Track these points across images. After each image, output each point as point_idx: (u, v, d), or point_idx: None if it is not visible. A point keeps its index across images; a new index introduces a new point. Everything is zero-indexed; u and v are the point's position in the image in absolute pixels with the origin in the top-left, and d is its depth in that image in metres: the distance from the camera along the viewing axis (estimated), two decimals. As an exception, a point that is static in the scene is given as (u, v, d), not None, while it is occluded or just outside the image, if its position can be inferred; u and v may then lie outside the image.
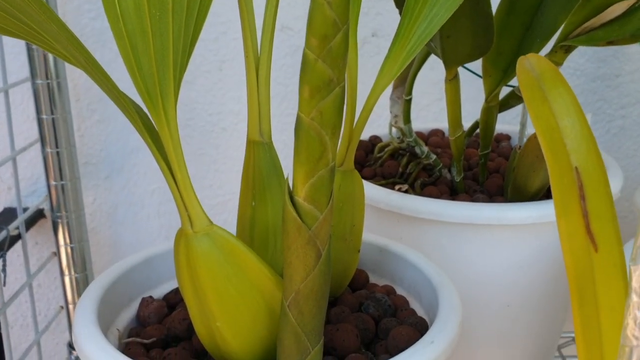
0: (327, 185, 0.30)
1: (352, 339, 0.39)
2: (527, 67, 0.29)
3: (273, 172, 0.39)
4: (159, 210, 0.81)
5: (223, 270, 0.33)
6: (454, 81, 0.51)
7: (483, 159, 0.59)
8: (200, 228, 0.33)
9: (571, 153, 0.27)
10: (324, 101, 0.28)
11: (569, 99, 0.28)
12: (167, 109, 0.30)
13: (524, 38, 0.51)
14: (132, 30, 0.28)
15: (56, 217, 0.70)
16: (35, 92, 0.66)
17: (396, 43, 0.37)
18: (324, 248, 0.31)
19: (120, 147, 0.79)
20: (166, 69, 0.29)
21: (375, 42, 0.78)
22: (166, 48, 0.29)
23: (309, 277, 0.31)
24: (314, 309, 0.32)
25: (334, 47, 0.26)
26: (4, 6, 0.30)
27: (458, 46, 0.47)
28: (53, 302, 0.84)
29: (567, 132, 0.27)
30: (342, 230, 0.42)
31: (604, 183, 0.27)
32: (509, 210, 0.52)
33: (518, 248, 0.53)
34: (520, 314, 0.55)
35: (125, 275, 0.45)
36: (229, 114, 0.79)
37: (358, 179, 0.41)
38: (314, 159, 0.29)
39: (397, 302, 0.45)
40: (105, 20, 0.74)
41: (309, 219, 0.30)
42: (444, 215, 0.52)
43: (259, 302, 0.34)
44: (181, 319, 0.42)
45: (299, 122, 0.29)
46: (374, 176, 0.61)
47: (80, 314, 0.40)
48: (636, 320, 0.24)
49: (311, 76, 0.27)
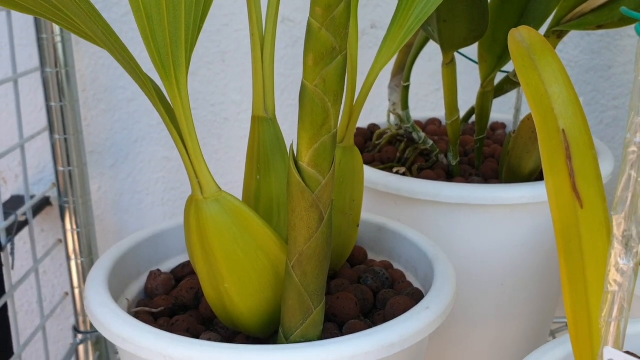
0: (330, 151, 0.32)
1: (352, 306, 0.41)
2: (518, 39, 0.30)
3: (277, 146, 0.41)
4: (162, 198, 0.83)
5: (231, 233, 0.35)
6: (450, 65, 0.53)
7: (479, 143, 0.61)
8: (209, 194, 0.35)
9: (559, 117, 0.29)
10: (327, 68, 0.29)
11: (557, 67, 0.29)
12: (179, 78, 0.32)
13: (518, 24, 0.53)
14: (148, 3, 0.30)
15: (63, 202, 0.72)
16: (45, 80, 0.68)
17: (394, 23, 0.39)
18: (326, 211, 0.33)
19: (125, 137, 0.80)
20: (178, 41, 0.31)
21: (374, 33, 0.80)
22: (179, 21, 0.31)
23: (312, 239, 0.33)
24: (317, 269, 0.34)
25: (337, 15, 0.28)
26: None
27: (454, 30, 0.49)
28: (58, 289, 0.85)
29: (555, 97, 0.29)
30: (342, 205, 0.43)
31: (589, 145, 0.29)
32: (503, 190, 0.53)
33: (512, 227, 0.55)
34: (514, 292, 0.57)
35: (134, 249, 0.47)
36: (231, 105, 0.81)
37: (358, 155, 0.43)
38: (317, 125, 0.31)
39: (395, 275, 0.47)
40: (110, 12, 0.76)
41: (312, 183, 0.32)
42: (441, 196, 0.54)
43: (265, 264, 0.36)
44: (189, 287, 0.43)
45: (303, 89, 0.30)
46: (373, 161, 0.63)
47: (92, 282, 0.42)
48: (617, 267, 0.26)
49: (315, 44, 0.29)
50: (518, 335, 0.60)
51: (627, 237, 0.25)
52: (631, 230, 0.25)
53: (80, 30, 0.33)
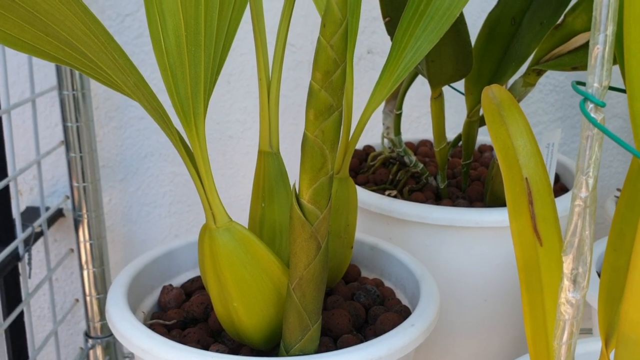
0: (327, 189, 0.37)
1: (345, 322, 0.46)
2: (490, 96, 0.35)
3: (280, 178, 0.45)
4: (169, 210, 0.88)
5: (240, 258, 0.39)
6: (438, 99, 0.58)
7: (465, 168, 0.65)
8: (221, 224, 0.40)
9: (523, 167, 0.33)
10: (326, 122, 0.34)
11: (522, 123, 0.34)
12: (198, 125, 0.37)
13: (502, 61, 0.58)
14: (173, 63, 0.35)
15: (77, 215, 0.76)
16: (62, 102, 0.73)
17: (386, 70, 0.44)
18: (323, 241, 0.38)
19: (135, 152, 0.85)
20: (198, 93, 0.36)
21: (370, 58, 0.85)
22: (199, 76, 0.36)
23: (311, 265, 0.38)
24: (314, 291, 0.39)
25: (334, 80, 0.33)
26: (65, 37, 0.37)
27: (441, 69, 0.54)
28: (69, 295, 0.90)
29: (520, 150, 0.34)
30: (337, 229, 0.48)
31: (549, 192, 0.33)
32: (486, 214, 0.58)
33: (495, 248, 0.60)
34: (495, 308, 0.62)
35: (149, 266, 0.52)
36: (236, 123, 0.86)
37: (352, 185, 0.48)
38: (316, 168, 0.36)
39: (385, 292, 0.52)
40: (122, 35, 0.81)
41: (311, 217, 0.37)
42: (429, 218, 0.59)
43: (269, 286, 0.40)
44: (199, 303, 0.48)
45: (305, 139, 0.35)
46: (367, 182, 0.68)
47: (113, 298, 0.46)
48: (567, 300, 0.30)
49: (315, 102, 0.34)
50: (499, 348, 0.64)
51: (575, 275, 0.30)
52: (578, 269, 0.30)
53: (108, 79, 0.38)
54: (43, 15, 0.37)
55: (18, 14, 0.37)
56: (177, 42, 0.34)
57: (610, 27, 0.26)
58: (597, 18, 0.27)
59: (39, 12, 0.36)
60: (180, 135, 0.38)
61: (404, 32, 0.43)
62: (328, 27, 0.32)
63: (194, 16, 0.34)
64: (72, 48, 0.38)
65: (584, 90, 0.28)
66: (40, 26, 0.38)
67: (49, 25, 0.37)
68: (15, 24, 0.38)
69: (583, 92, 0.28)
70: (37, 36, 0.39)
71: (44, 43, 0.39)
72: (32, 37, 0.39)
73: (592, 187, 0.28)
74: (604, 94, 0.28)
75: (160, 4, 0.33)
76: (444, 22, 0.43)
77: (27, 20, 0.37)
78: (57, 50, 0.39)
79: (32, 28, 0.38)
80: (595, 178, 0.28)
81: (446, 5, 0.43)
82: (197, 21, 0.34)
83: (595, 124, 0.27)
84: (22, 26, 0.38)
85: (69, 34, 0.37)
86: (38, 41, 0.39)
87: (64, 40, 0.38)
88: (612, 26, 0.27)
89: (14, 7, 0.36)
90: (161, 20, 0.34)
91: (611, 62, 0.27)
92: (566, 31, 0.53)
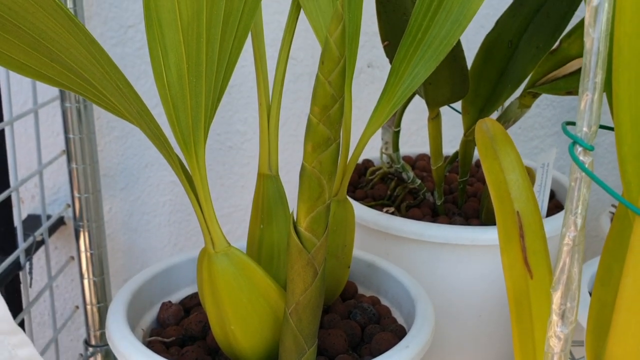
0: (324, 218, 0.38)
1: (341, 343, 0.47)
2: (484, 129, 0.36)
3: (279, 200, 0.46)
4: (169, 219, 0.89)
5: (238, 283, 0.40)
6: (436, 119, 0.59)
7: (462, 184, 0.66)
8: (220, 248, 0.40)
9: (514, 201, 0.34)
10: (323, 154, 0.35)
11: (514, 157, 0.35)
12: (199, 153, 0.38)
13: (498, 83, 0.59)
14: (175, 94, 0.35)
15: (78, 225, 0.77)
16: (64, 113, 0.73)
17: (383, 96, 0.44)
18: (320, 268, 0.39)
19: (136, 162, 0.86)
20: (199, 123, 0.37)
21: (370, 72, 0.86)
22: (199, 106, 0.37)
23: (307, 291, 0.38)
24: (311, 316, 0.40)
25: (332, 114, 0.34)
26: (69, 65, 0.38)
27: (438, 91, 0.55)
28: (69, 302, 0.91)
29: (512, 184, 0.34)
30: (335, 249, 0.49)
31: (540, 225, 0.34)
32: (481, 232, 0.59)
33: (489, 265, 0.61)
34: (489, 323, 0.63)
35: (149, 282, 0.53)
36: (236, 134, 0.87)
37: (350, 207, 0.49)
38: (314, 198, 0.37)
39: (381, 311, 0.53)
40: (125, 46, 0.82)
41: (308, 244, 0.38)
42: (425, 235, 0.59)
43: (266, 309, 0.41)
44: (197, 321, 0.49)
45: (303, 170, 0.36)
46: (365, 197, 0.69)
47: (113, 316, 0.47)
48: (555, 333, 0.31)
49: (314, 135, 0.35)
50: (494, 361, 0.65)
51: (563, 310, 0.30)
52: (566, 305, 0.30)
53: (111, 106, 0.39)
54: (49, 43, 0.37)
55: (24, 40, 0.38)
56: (178, 74, 0.35)
57: (600, 74, 0.27)
58: (586, 65, 0.28)
59: (45, 39, 0.37)
60: (181, 161, 0.39)
61: (402, 59, 0.44)
62: (326, 64, 0.32)
63: (195, 49, 0.35)
64: (76, 75, 0.39)
65: (574, 133, 0.29)
66: (45, 52, 0.38)
67: (54, 52, 0.38)
68: (21, 50, 0.39)
69: (572, 136, 0.29)
70: (42, 62, 0.39)
71: (48, 69, 0.40)
72: (37, 62, 0.40)
73: (580, 227, 0.29)
74: (593, 138, 0.29)
75: (163, 39, 0.34)
76: (441, 50, 0.44)
77: (33, 47, 0.38)
78: (61, 76, 0.40)
79: (37, 54, 0.39)
80: (583, 218, 0.29)
81: (443, 33, 0.44)
82: (198, 53, 0.35)
83: (582, 168, 0.28)
84: (27, 52, 0.39)
85: (74, 61, 0.38)
86: (43, 66, 0.40)
87: (69, 67, 0.39)
88: (602, 74, 0.27)
89: (20, 34, 0.37)
90: (163, 55, 0.34)
91: (600, 108, 0.28)
92: (561, 56, 0.54)
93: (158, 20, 0.33)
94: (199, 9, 0.34)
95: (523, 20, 0.55)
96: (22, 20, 0.35)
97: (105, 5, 0.80)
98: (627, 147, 0.28)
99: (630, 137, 0.28)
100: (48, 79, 0.41)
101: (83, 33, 0.34)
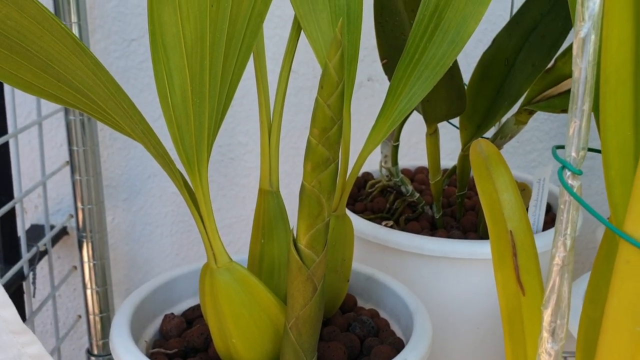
0: (323, 235, 0.39)
1: (341, 355, 0.48)
2: (478, 150, 0.37)
3: (279, 215, 0.47)
4: (171, 229, 0.90)
5: (239, 297, 0.41)
6: (433, 135, 0.60)
7: (460, 198, 0.67)
8: (222, 264, 0.42)
9: (507, 220, 0.35)
10: (322, 174, 0.36)
11: (508, 178, 0.36)
12: (202, 171, 0.39)
13: (495, 99, 0.60)
14: (179, 115, 0.37)
15: (81, 236, 0.78)
16: (68, 126, 0.75)
17: (382, 116, 0.46)
18: (319, 284, 0.40)
19: (139, 173, 0.87)
20: (202, 142, 0.38)
21: (370, 85, 0.87)
22: (203, 126, 0.38)
23: (307, 306, 0.40)
24: (310, 330, 0.41)
25: (331, 135, 0.35)
26: (76, 85, 0.39)
27: (436, 109, 0.56)
28: (71, 311, 0.92)
29: (505, 204, 0.36)
30: (334, 264, 0.50)
31: (532, 244, 0.35)
32: (479, 246, 0.60)
33: (487, 278, 0.62)
34: (487, 334, 0.64)
35: (151, 295, 0.54)
36: (238, 146, 0.88)
37: (349, 222, 0.50)
38: (313, 216, 0.38)
39: (380, 324, 0.54)
40: (128, 59, 0.83)
41: (308, 261, 0.39)
42: (424, 249, 0.61)
43: (267, 323, 0.42)
44: (199, 333, 0.50)
45: (303, 189, 0.37)
46: (365, 210, 0.70)
47: (117, 329, 0.48)
48: (546, 350, 0.32)
49: (313, 156, 0.36)
50: (491, 372, 0.66)
51: (553, 328, 0.32)
52: (556, 322, 0.31)
53: (116, 124, 0.40)
54: (56, 64, 0.39)
55: (32, 62, 0.39)
56: (183, 96, 0.36)
57: (587, 102, 0.28)
58: (574, 93, 0.29)
59: (52, 61, 0.38)
60: (184, 178, 0.40)
61: (399, 79, 0.45)
62: (325, 88, 0.34)
63: (199, 71, 0.36)
64: (82, 94, 0.40)
65: (563, 158, 0.30)
66: (52, 73, 0.40)
67: (61, 73, 0.39)
68: (28, 70, 0.40)
69: (561, 160, 0.30)
70: (49, 82, 0.41)
71: (55, 88, 0.41)
72: (44, 82, 0.41)
73: (569, 248, 0.30)
74: (581, 162, 0.30)
75: (168, 62, 0.35)
76: (438, 70, 0.45)
77: (41, 67, 0.39)
78: (67, 95, 0.41)
79: (44, 74, 0.40)
80: (572, 239, 0.30)
81: (440, 54, 0.45)
82: (202, 75, 0.36)
83: (570, 192, 0.29)
84: (35, 72, 0.40)
85: (80, 82, 0.39)
86: (49, 86, 0.41)
87: (75, 87, 0.40)
88: (589, 101, 0.29)
89: (29, 55, 0.38)
90: (168, 77, 0.36)
91: (588, 134, 0.29)
92: (556, 75, 0.55)
93: (163, 44, 0.35)
94: (203, 33, 0.35)
95: (519, 39, 0.57)
96: (31, 44, 0.36)
97: (108, 19, 0.81)
98: (614, 172, 0.29)
99: (617, 162, 0.29)
100: (55, 97, 0.42)
101: (89, 56, 0.35)
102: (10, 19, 0.34)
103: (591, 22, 0.27)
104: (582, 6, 0.27)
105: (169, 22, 0.34)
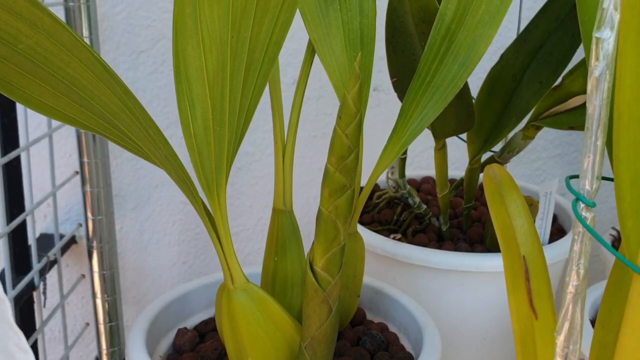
0: (339, 258, 0.40)
1: (352, 370, 0.49)
2: (491, 175, 0.38)
3: (292, 234, 0.48)
4: (178, 238, 0.91)
5: (255, 317, 0.42)
6: (442, 150, 0.61)
7: (467, 210, 0.68)
8: (239, 284, 0.42)
9: (520, 245, 0.36)
10: (339, 199, 0.37)
11: (520, 203, 0.37)
12: (220, 195, 0.40)
13: (502, 115, 0.61)
14: (200, 143, 0.37)
15: (91, 246, 0.79)
16: (79, 138, 0.76)
17: (392, 137, 0.46)
18: (334, 305, 0.40)
19: (147, 182, 0.88)
20: (221, 167, 0.39)
21: (376, 95, 0.88)
22: (222, 152, 0.39)
23: (322, 327, 0.40)
24: (325, 350, 0.41)
25: (348, 163, 0.36)
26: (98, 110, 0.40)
27: (445, 125, 0.57)
28: (80, 319, 0.93)
29: (518, 229, 0.36)
30: (346, 280, 0.51)
31: (544, 269, 0.36)
32: (486, 259, 0.61)
33: (493, 290, 0.63)
34: (494, 346, 0.65)
35: (165, 309, 0.54)
36: (244, 155, 0.89)
37: (360, 240, 0.51)
38: (329, 239, 0.39)
39: (389, 338, 0.55)
40: (137, 71, 0.84)
41: (324, 283, 0.40)
42: (432, 262, 0.61)
43: (282, 342, 0.43)
44: (213, 348, 0.51)
45: (320, 214, 0.38)
46: (372, 222, 0.71)
47: (132, 344, 0.49)
48: (559, 373, 0.33)
49: (330, 182, 0.37)
50: (497, 383, 0.67)
51: (566, 353, 0.32)
52: (569, 348, 0.32)
53: (137, 149, 0.41)
54: (79, 89, 0.39)
55: (55, 86, 0.39)
56: (204, 125, 0.37)
57: (601, 138, 0.29)
58: (589, 128, 0.30)
59: (76, 86, 0.39)
60: (203, 202, 0.41)
61: (411, 102, 0.46)
62: (344, 119, 0.35)
63: (219, 100, 0.37)
64: (104, 119, 0.41)
65: (577, 190, 0.31)
66: (75, 98, 0.40)
67: (84, 97, 0.40)
68: (51, 94, 0.41)
69: (575, 192, 0.31)
70: (71, 106, 0.41)
71: (76, 112, 0.42)
72: (66, 106, 0.42)
73: (582, 277, 0.31)
74: (594, 195, 0.31)
75: (191, 93, 0.36)
76: (449, 92, 0.46)
77: (63, 92, 0.40)
78: (88, 119, 0.42)
79: (67, 99, 0.41)
80: (585, 268, 0.31)
81: (451, 76, 0.46)
82: (222, 103, 0.37)
83: (583, 224, 0.30)
84: (57, 96, 0.41)
85: (104, 107, 0.40)
86: (71, 110, 0.42)
87: (98, 113, 0.41)
88: (602, 137, 0.29)
89: (52, 80, 0.39)
90: (190, 107, 0.36)
91: (601, 168, 0.30)
92: (564, 92, 0.56)
93: (187, 76, 0.35)
94: (224, 63, 0.36)
95: (526, 56, 0.57)
96: (56, 69, 0.37)
97: (118, 30, 0.82)
98: (626, 204, 0.30)
99: (630, 195, 0.30)
100: (75, 122, 0.42)
101: (118, 84, 0.36)
102: (41, 46, 0.35)
103: (605, 62, 0.28)
104: (596, 46, 0.28)
105: (192, 55, 0.35)
